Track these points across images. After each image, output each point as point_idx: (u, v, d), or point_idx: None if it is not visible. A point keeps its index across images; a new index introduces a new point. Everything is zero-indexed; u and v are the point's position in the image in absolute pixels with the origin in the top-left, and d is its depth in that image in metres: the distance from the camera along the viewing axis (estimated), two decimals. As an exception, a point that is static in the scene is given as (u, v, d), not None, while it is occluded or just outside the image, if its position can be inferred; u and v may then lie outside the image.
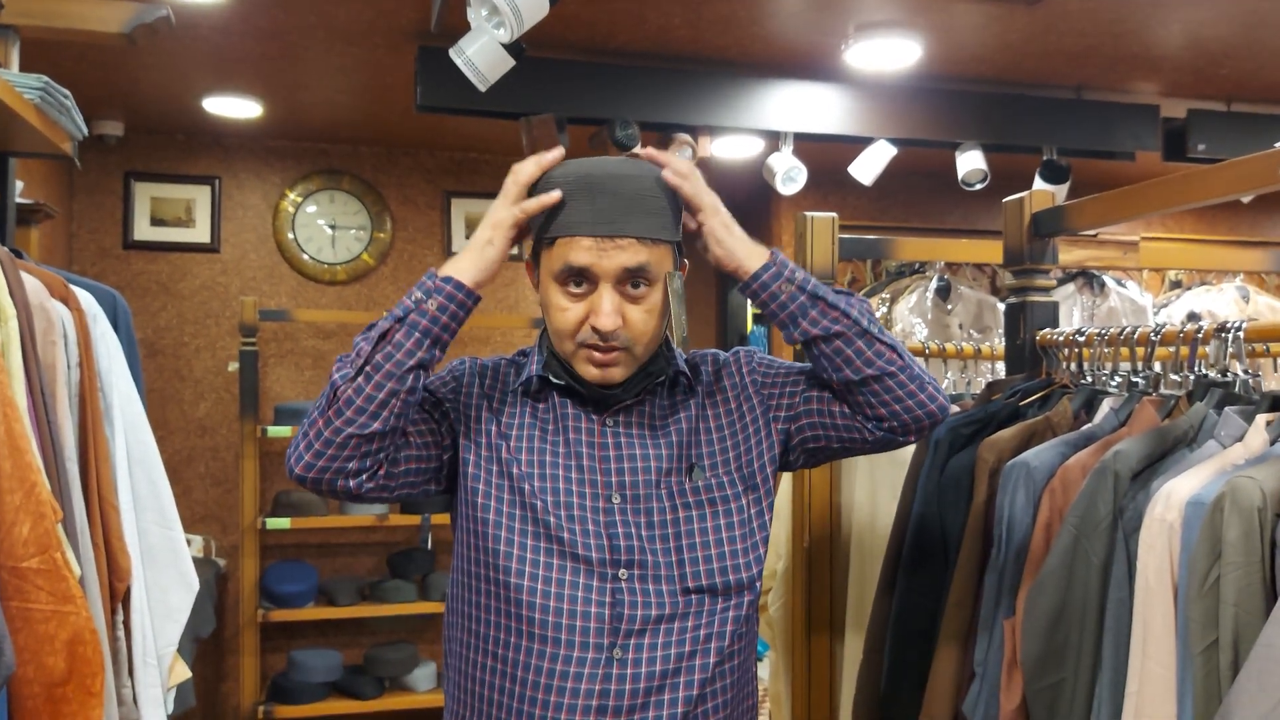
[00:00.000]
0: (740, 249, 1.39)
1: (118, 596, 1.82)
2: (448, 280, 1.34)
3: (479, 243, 1.36)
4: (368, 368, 1.28)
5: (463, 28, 2.63)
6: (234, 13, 3.23)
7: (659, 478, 1.40)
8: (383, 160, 5.10)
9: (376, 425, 1.28)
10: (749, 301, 6.99)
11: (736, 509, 1.42)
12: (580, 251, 1.33)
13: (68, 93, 2.09)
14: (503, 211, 1.36)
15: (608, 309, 1.33)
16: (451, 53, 2.61)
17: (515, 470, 1.38)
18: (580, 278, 1.34)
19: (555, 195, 1.33)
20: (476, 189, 5.18)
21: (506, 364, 1.50)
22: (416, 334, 1.31)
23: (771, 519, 1.48)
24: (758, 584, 1.44)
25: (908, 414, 1.37)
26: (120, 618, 1.84)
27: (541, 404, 1.44)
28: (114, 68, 3.76)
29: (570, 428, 1.41)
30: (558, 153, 1.37)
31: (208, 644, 4.70)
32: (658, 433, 1.43)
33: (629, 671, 1.33)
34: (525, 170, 1.36)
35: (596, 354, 1.36)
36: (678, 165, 1.36)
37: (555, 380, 1.42)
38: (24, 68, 2.23)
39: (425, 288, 1.33)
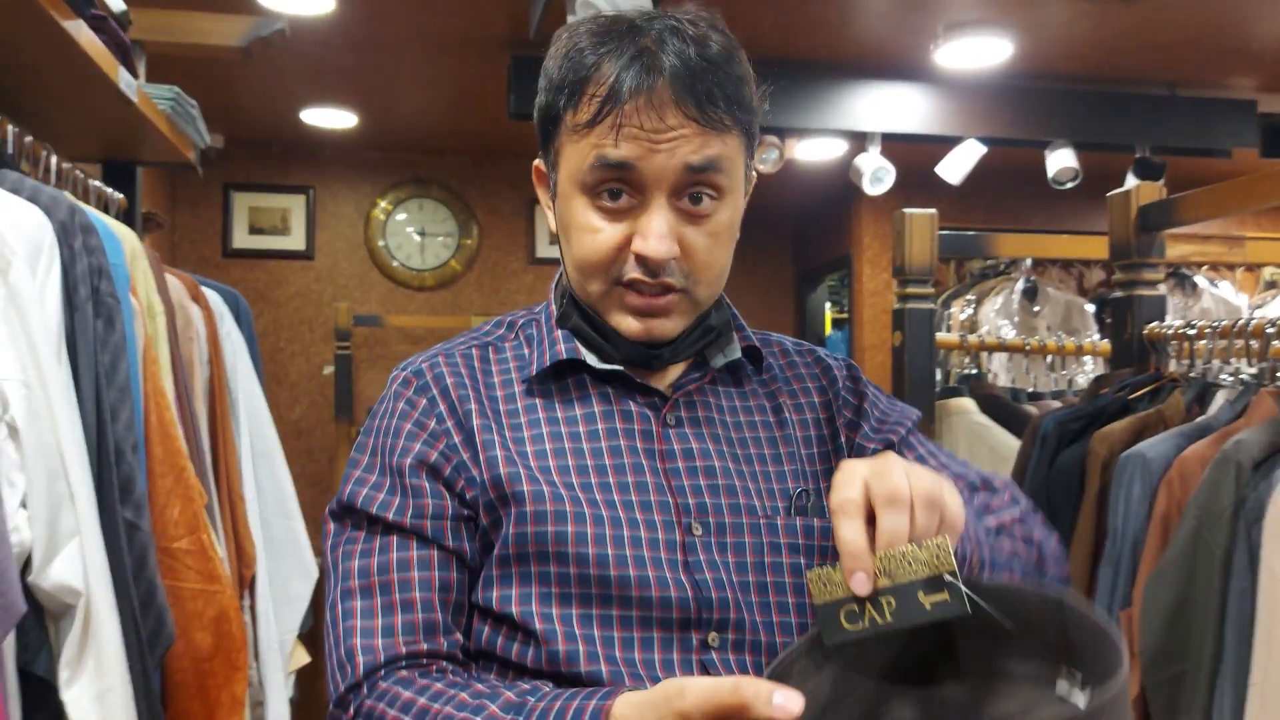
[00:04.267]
0: None
1: (244, 583, 1.91)
2: None
3: None
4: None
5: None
6: (335, 26, 3.35)
7: (749, 500, 0.95)
8: (469, 169, 5.22)
9: None
10: (828, 304, 6.85)
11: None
12: (623, 142, 0.88)
13: (195, 103, 2.20)
14: None
15: (659, 229, 0.89)
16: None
17: (544, 516, 0.90)
18: (620, 183, 0.90)
19: None
20: (560, 195, 5.26)
21: (480, 349, 1.01)
22: None
23: None
24: None
25: None
26: (246, 603, 1.93)
27: (565, 399, 0.97)
28: (216, 81, 3.91)
29: (620, 430, 0.96)
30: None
31: (305, 639, 4.84)
32: (740, 435, 1.00)
33: None
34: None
35: (639, 297, 0.92)
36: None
37: (596, 364, 0.97)
38: (151, 81, 2.34)
39: None
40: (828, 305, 6.56)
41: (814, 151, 4.26)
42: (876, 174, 3.85)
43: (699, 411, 0.98)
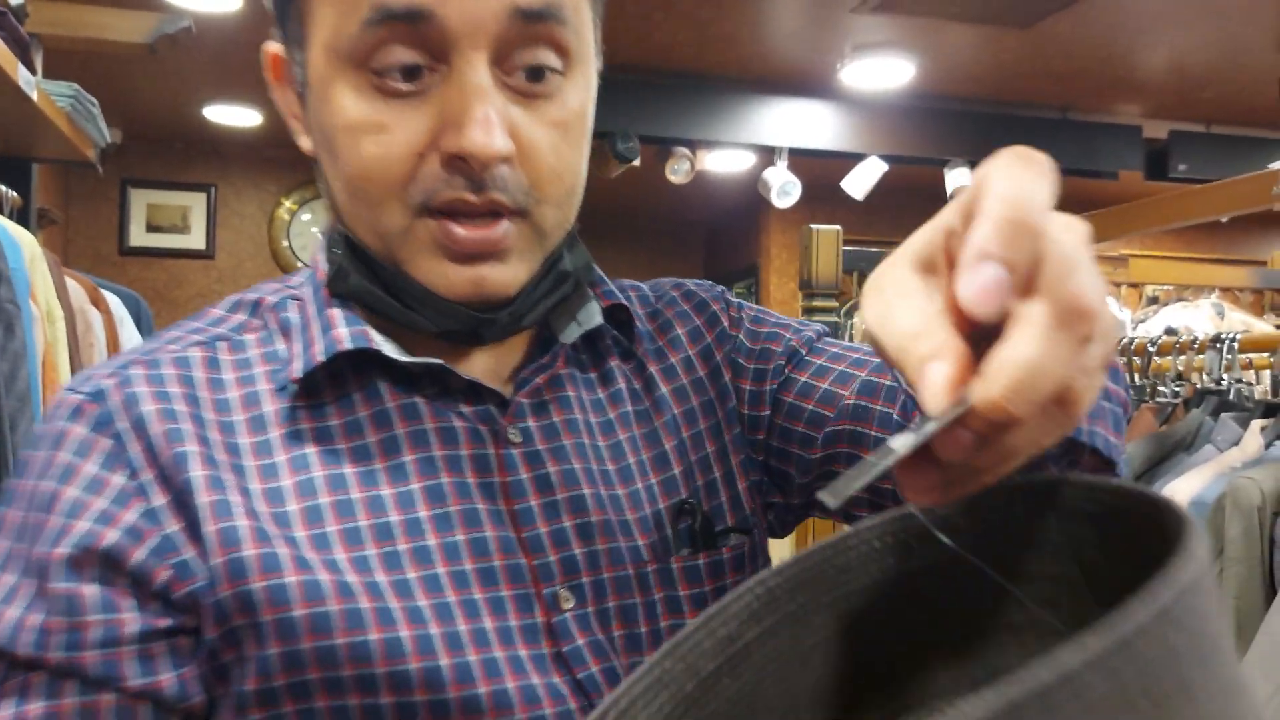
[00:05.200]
0: None
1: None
2: None
3: None
4: None
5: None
6: (242, 23, 3.28)
7: (633, 540, 0.65)
8: (378, 170, 5.16)
9: None
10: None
11: None
12: None
13: (95, 100, 2.14)
14: None
15: (482, 111, 0.57)
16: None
17: (328, 622, 0.56)
18: (413, 46, 0.57)
19: None
20: (471, 200, 5.25)
21: (204, 348, 0.64)
22: None
23: None
24: None
25: None
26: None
27: (349, 419, 0.62)
28: (115, 74, 3.79)
29: (441, 461, 0.62)
30: None
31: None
32: (611, 440, 0.68)
33: None
34: None
35: (460, 228, 0.59)
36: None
37: (397, 356, 0.62)
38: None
39: None
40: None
41: (724, 163, 4.33)
42: (784, 187, 3.94)
43: (554, 415, 0.65)
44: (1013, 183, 0.33)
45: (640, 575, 0.64)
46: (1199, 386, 1.73)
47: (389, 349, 0.62)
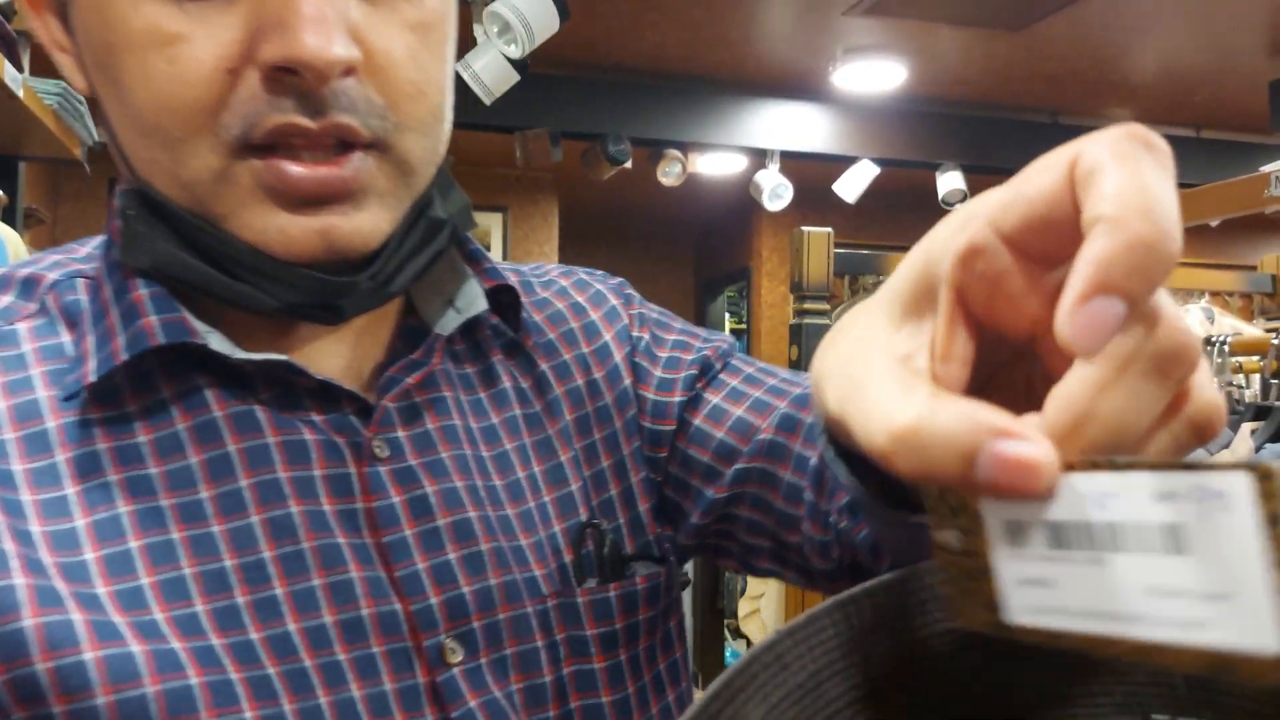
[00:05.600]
0: None
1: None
2: None
3: None
4: None
5: (468, 43, 2.69)
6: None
7: (528, 570, 0.54)
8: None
9: None
10: (727, 315, 6.94)
11: (678, 632, 0.61)
12: None
13: (83, 99, 2.12)
14: None
15: (313, 8, 0.43)
16: (457, 67, 2.66)
17: (142, 709, 0.42)
18: None
19: None
20: (462, 201, 5.24)
21: None
22: None
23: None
24: None
25: None
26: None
27: (163, 436, 0.48)
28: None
29: (288, 485, 0.48)
30: None
31: None
32: (497, 450, 0.57)
33: None
34: None
35: (293, 166, 0.45)
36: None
37: (228, 352, 0.49)
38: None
39: None
40: (727, 316, 6.66)
41: (716, 166, 4.33)
42: (775, 190, 3.94)
43: (428, 422, 0.53)
44: (1141, 183, 0.25)
45: (540, 613, 0.53)
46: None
47: (215, 341, 0.47)
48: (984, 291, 0.29)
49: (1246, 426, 1.59)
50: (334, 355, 0.52)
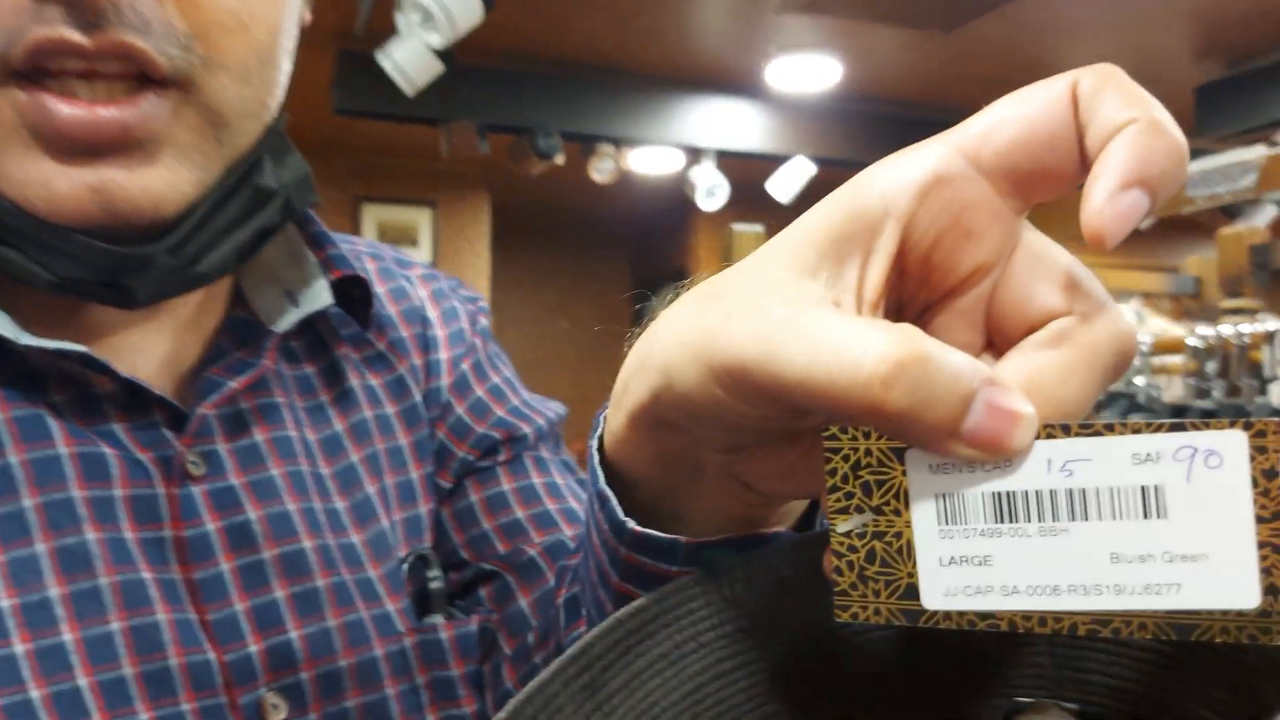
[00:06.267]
0: None
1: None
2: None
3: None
4: None
5: (390, 31, 2.60)
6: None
7: (360, 610, 0.46)
8: (296, 164, 5.02)
9: None
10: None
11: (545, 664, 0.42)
12: None
13: None
14: None
15: None
16: (379, 56, 2.58)
17: None
18: None
19: None
20: (389, 194, 5.13)
21: None
22: None
23: None
24: None
25: None
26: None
27: None
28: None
29: (85, 508, 0.40)
30: None
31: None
32: (337, 466, 0.49)
33: None
34: None
35: (58, 103, 0.37)
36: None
37: (10, 335, 0.40)
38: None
39: None
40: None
41: (652, 163, 4.28)
42: (711, 188, 3.90)
43: (257, 433, 0.46)
44: (1152, 100, 0.25)
45: (395, 654, 0.45)
46: (1111, 389, 1.72)
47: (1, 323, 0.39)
48: (935, 230, 0.26)
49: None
50: (144, 351, 0.44)
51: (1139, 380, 1.72)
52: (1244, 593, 0.22)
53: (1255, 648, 0.24)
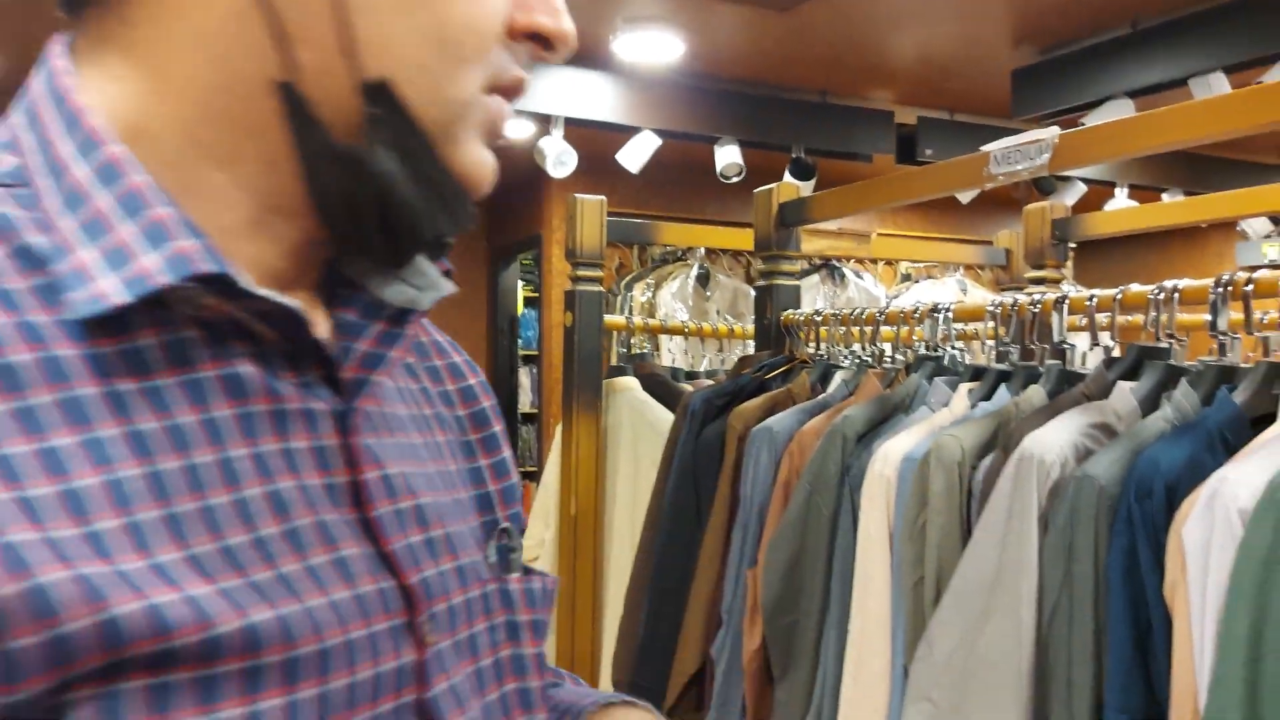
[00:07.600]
0: None
1: None
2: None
3: None
4: None
5: None
6: None
7: (470, 554, 0.56)
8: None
9: None
10: (520, 283, 6.91)
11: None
12: None
13: None
14: None
15: None
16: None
17: (214, 618, 0.40)
18: None
19: None
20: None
21: None
22: None
23: None
24: None
25: None
26: None
27: (158, 373, 0.42)
28: None
29: (272, 454, 0.45)
30: None
31: None
32: (430, 438, 0.58)
33: None
34: None
35: (507, 111, 0.53)
36: None
37: (248, 287, 0.44)
38: None
39: None
40: (520, 284, 6.65)
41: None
42: (560, 157, 3.95)
43: (376, 400, 0.52)
44: None
45: (484, 596, 0.55)
46: (920, 353, 1.87)
47: (242, 276, 0.43)
48: None
49: (964, 386, 1.74)
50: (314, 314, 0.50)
51: (940, 347, 1.87)
52: None
53: None
